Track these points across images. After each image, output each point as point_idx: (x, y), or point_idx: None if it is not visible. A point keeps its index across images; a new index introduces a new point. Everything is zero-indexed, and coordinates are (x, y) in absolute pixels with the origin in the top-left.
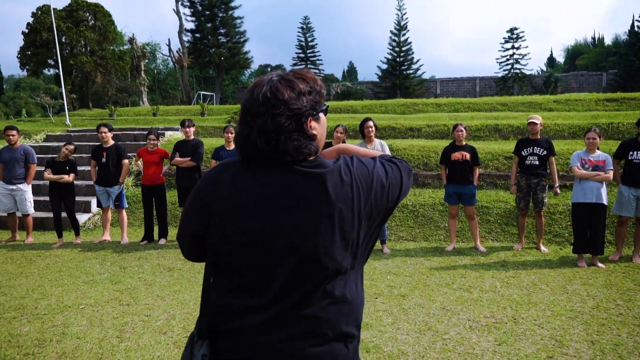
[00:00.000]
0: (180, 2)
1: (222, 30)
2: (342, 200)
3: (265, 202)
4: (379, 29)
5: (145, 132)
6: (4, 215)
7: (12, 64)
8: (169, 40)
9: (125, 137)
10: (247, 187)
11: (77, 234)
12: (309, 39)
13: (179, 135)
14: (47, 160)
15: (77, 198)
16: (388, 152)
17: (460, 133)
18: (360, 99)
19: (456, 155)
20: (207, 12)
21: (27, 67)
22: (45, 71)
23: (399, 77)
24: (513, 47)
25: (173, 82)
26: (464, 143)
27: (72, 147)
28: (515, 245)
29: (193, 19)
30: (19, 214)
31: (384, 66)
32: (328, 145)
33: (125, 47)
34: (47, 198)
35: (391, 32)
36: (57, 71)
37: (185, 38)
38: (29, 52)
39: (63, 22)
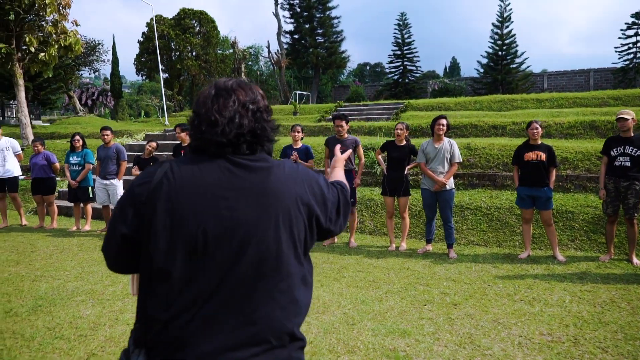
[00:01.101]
0: (279, 5)
1: (319, 31)
2: (288, 196)
3: (207, 197)
4: (485, 22)
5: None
6: (99, 207)
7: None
8: (268, 42)
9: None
10: (187, 183)
11: None
12: (406, 36)
13: None
14: (134, 158)
15: None
16: (457, 151)
17: (535, 131)
18: (459, 95)
19: (530, 156)
20: (305, 14)
21: (142, 72)
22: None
23: (501, 72)
24: (637, 34)
25: (274, 83)
26: (539, 142)
27: (154, 144)
28: (601, 256)
29: (292, 20)
30: (112, 207)
31: (484, 61)
32: None
33: (229, 50)
34: None
35: (493, 24)
36: (166, 76)
37: (284, 40)
38: (143, 59)
39: (172, 29)
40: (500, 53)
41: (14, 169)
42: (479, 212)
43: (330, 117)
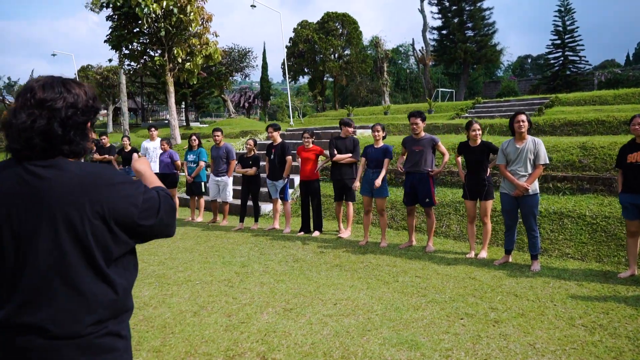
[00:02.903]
0: (426, 1)
1: (469, 24)
2: (73, 202)
3: (1, 207)
4: None
5: (336, 130)
6: (208, 200)
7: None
8: (412, 39)
9: (324, 135)
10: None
11: (255, 220)
12: (568, 22)
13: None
14: (238, 156)
15: (265, 189)
16: (543, 152)
17: (637, 127)
18: (633, 87)
19: (634, 157)
20: (454, 7)
21: (288, 75)
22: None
23: None
24: None
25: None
26: None
27: (251, 142)
28: None
29: (439, 16)
30: (220, 200)
31: None
32: None
33: (371, 51)
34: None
35: None
36: (310, 78)
37: (430, 36)
38: (290, 63)
39: (316, 33)
40: None
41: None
42: (581, 220)
43: (467, 114)
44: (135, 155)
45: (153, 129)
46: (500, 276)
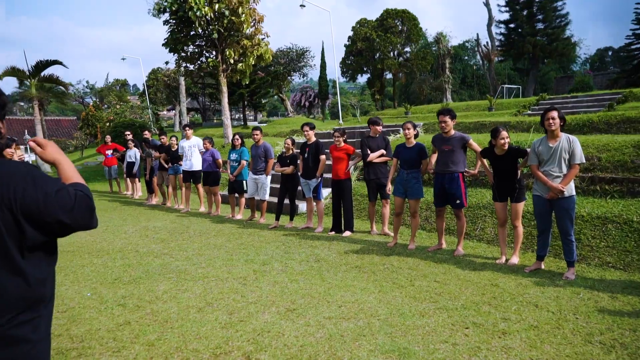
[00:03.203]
0: None
1: (539, 17)
2: None
3: None
4: None
5: (396, 128)
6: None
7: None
8: (477, 35)
9: (354, 134)
10: None
11: (291, 218)
12: None
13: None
14: (277, 155)
15: None
16: (579, 150)
17: None
18: None
19: None
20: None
21: (346, 74)
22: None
23: None
24: None
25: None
26: None
27: (289, 141)
28: None
29: (506, 9)
30: (258, 198)
31: None
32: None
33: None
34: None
35: None
36: (369, 76)
37: (496, 30)
38: (348, 61)
39: (374, 31)
40: None
41: (197, 163)
42: (627, 227)
43: (529, 112)
44: (41, 141)
45: (187, 129)
46: (526, 284)
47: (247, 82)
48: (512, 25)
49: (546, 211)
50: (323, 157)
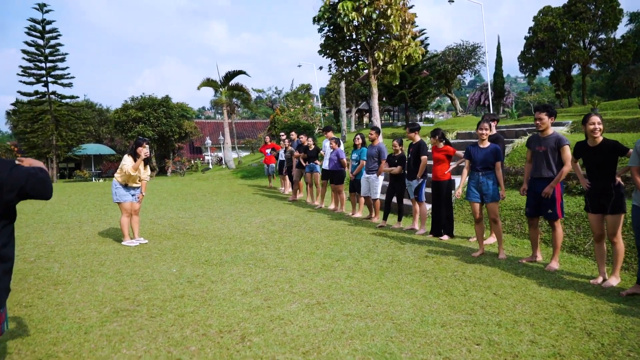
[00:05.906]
0: None
1: None
2: None
3: None
4: None
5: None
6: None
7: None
8: None
9: (510, 133)
10: None
11: (398, 219)
12: None
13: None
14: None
15: None
16: None
17: None
18: None
19: None
20: None
21: (526, 69)
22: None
23: None
24: None
25: None
26: None
27: (397, 142)
28: None
29: None
30: (371, 197)
31: None
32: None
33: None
34: None
35: None
36: (552, 70)
37: None
38: (529, 55)
39: (559, 19)
40: None
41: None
42: None
43: None
44: (23, 160)
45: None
46: (603, 310)
47: (396, 83)
48: None
49: None
50: (424, 157)
